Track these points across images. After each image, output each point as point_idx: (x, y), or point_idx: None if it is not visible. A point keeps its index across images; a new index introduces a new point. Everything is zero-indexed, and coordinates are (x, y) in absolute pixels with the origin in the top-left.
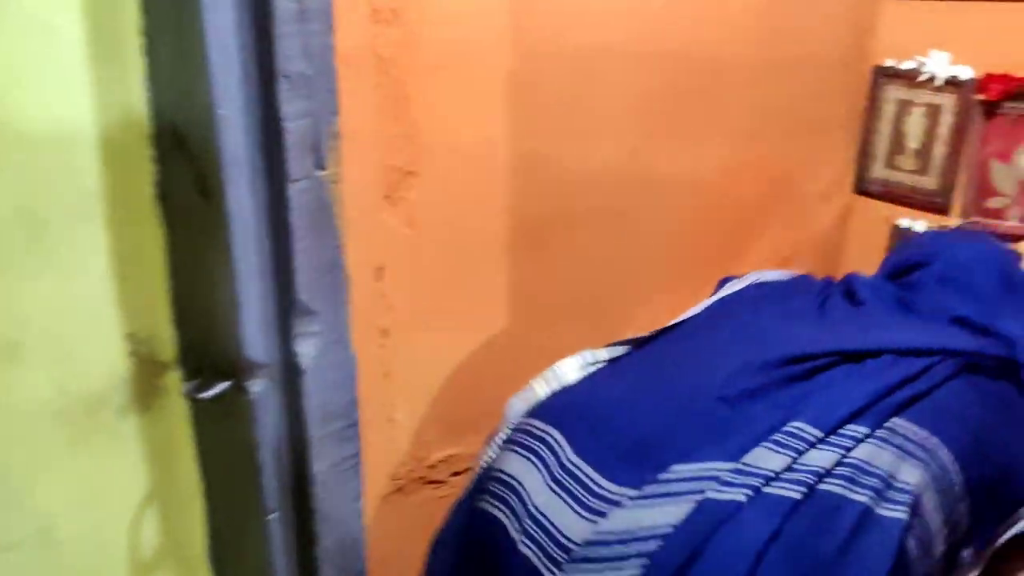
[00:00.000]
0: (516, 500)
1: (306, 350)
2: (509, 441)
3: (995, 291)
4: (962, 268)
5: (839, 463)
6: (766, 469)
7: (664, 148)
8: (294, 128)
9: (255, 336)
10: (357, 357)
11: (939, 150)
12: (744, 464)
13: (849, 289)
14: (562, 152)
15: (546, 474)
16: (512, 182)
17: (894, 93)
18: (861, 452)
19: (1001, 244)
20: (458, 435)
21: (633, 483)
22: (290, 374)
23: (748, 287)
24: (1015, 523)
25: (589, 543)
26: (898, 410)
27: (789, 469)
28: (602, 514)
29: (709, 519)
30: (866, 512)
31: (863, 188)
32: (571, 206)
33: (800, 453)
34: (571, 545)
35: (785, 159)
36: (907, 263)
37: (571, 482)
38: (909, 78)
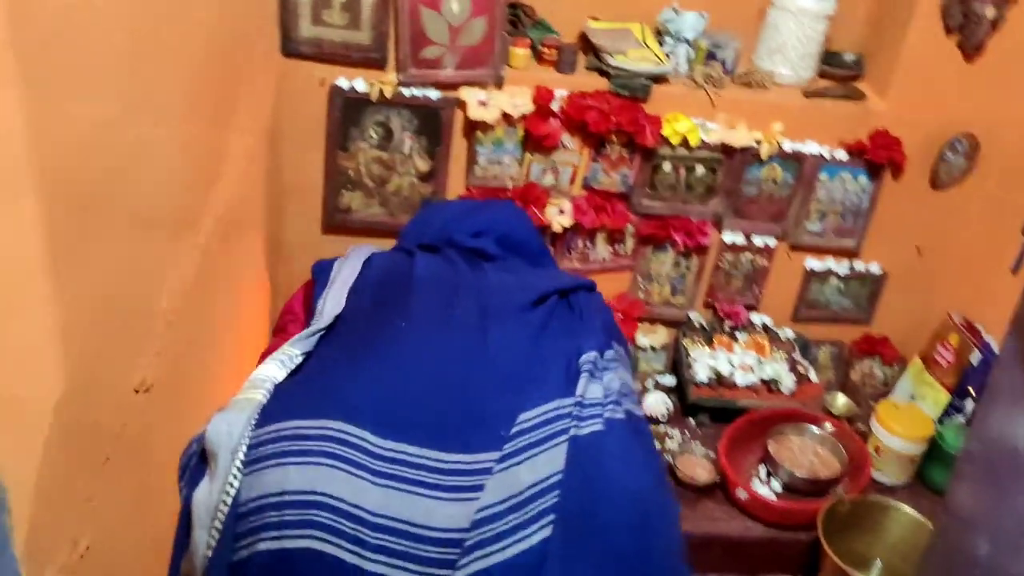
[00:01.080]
0: (331, 516)
1: None
2: (268, 457)
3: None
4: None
5: (624, 384)
6: (596, 397)
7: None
8: None
9: None
10: None
11: (367, 1)
12: (581, 396)
13: (478, 250)
14: (70, 114)
15: (360, 471)
16: (35, 167)
17: None
18: (623, 375)
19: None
20: None
21: (488, 446)
22: None
23: (373, 258)
24: None
25: (478, 524)
26: (618, 336)
27: (606, 395)
28: (473, 489)
29: (588, 455)
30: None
31: (293, 50)
32: (86, 176)
33: (603, 379)
34: (453, 535)
35: (225, 40)
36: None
37: (403, 469)
38: None
